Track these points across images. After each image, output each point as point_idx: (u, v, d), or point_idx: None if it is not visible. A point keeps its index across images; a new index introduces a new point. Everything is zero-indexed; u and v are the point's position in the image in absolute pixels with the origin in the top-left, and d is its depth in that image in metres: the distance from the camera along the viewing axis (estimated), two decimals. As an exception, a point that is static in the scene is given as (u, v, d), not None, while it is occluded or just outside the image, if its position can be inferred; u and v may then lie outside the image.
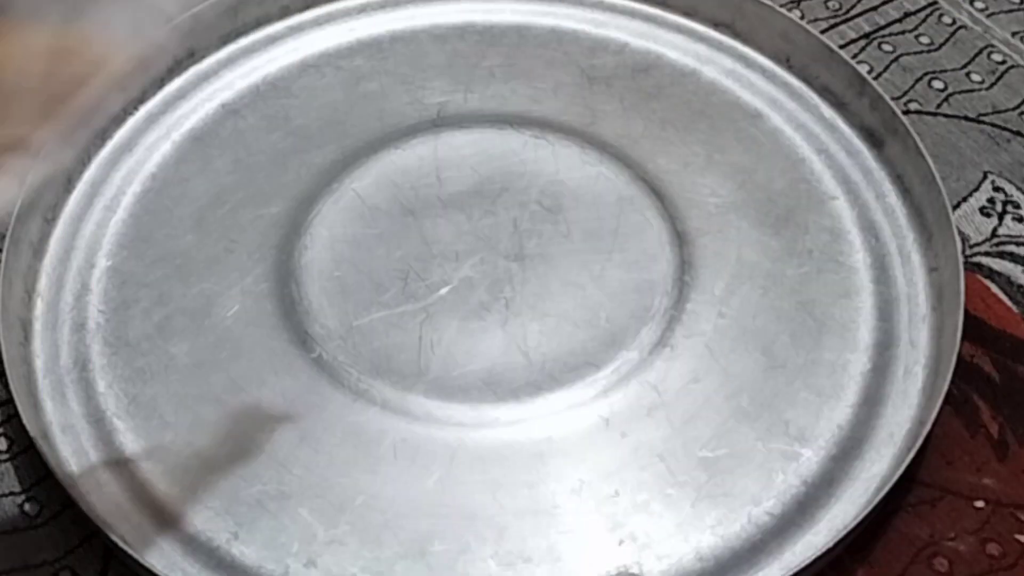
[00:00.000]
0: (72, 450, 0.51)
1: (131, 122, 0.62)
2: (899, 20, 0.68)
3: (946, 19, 0.68)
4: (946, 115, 0.64)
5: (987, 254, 0.58)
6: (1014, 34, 0.67)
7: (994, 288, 0.57)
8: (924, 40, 0.67)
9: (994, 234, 0.59)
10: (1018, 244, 0.59)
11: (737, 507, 0.49)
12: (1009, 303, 0.56)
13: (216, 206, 0.59)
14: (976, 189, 0.61)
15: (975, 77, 0.66)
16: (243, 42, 0.66)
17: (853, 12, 0.69)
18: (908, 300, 0.55)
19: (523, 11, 0.66)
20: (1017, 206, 0.60)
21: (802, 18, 0.67)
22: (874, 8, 0.69)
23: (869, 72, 0.65)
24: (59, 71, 0.37)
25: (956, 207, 0.60)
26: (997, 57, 0.66)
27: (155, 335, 0.54)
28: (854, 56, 0.66)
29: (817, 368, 0.53)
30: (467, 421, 0.51)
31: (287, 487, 0.49)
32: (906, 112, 0.63)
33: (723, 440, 0.51)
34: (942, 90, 0.65)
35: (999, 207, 0.60)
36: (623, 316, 0.54)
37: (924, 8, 0.69)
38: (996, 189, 0.61)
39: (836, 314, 0.55)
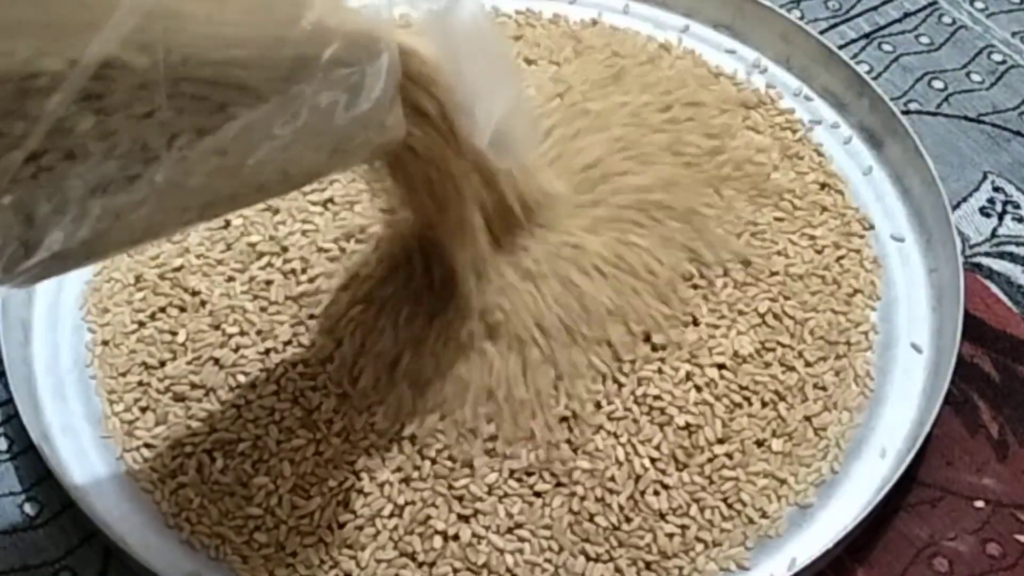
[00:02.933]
0: (72, 450, 0.51)
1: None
2: (899, 20, 0.68)
3: (946, 19, 0.68)
4: (946, 115, 0.64)
5: (987, 254, 0.58)
6: (1014, 34, 0.67)
7: (994, 288, 0.57)
8: (924, 40, 0.67)
9: (994, 234, 0.59)
10: (1018, 244, 0.59)
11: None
12: (1009, 303, 0.56)
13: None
14: (976, 189, 0.61)
15: (975, 77, 0.66)
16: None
17: (853, 12, 0.69)
18: (908, 300, 0.56)
19: (521, 8, 0.66)
20: (1017, 206, 0.60)
21: (802, 18, 0.67)
22: (874, 8, 0.69)
23: (869, 72, 0.65)
24: None
25: (956, 207, 0.60)
26: (997, 57, 0.66)
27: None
28: (854, 56, 0.66)
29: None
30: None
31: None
32: (906, 112, 0.63)
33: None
34: (942, 90, 0.65)
35: (999, 207, 0.60)
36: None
37: (924, 8, 0.69)
38: (996, 189, 0.61)
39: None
